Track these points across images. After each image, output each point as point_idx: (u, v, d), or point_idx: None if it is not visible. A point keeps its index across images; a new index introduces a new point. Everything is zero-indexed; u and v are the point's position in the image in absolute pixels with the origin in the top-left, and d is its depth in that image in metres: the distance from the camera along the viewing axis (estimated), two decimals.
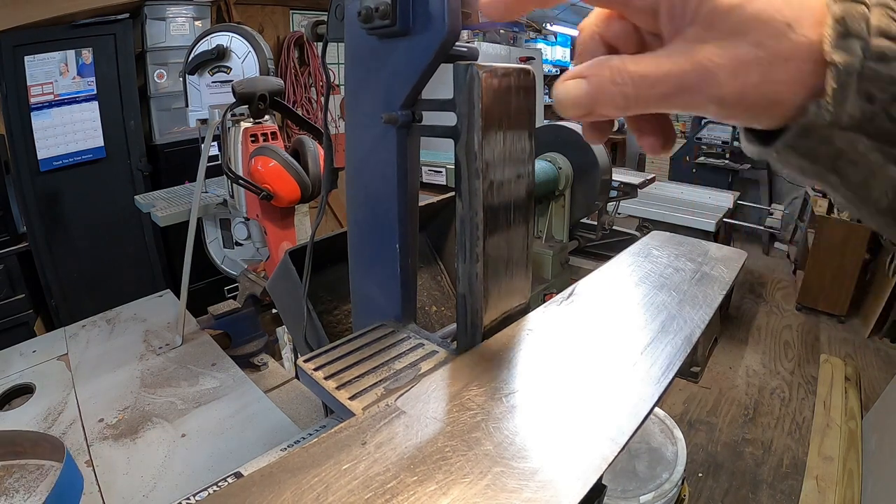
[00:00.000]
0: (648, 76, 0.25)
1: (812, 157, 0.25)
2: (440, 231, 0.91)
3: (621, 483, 0.73)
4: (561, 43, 5.87)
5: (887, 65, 0.22)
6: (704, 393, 2.40)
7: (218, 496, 0.26)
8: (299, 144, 1.27)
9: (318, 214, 0.65)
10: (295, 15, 3.15)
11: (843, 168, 0.24)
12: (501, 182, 0.39)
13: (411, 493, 0.24)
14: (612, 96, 0.26)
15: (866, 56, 0.22)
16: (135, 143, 2.52)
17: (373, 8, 0.38)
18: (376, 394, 0.36)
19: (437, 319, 0.86)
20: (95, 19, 2.29)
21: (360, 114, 0.46)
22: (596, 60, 0.26)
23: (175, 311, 1.32)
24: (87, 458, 0.87)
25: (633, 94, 0.25)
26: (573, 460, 0.26)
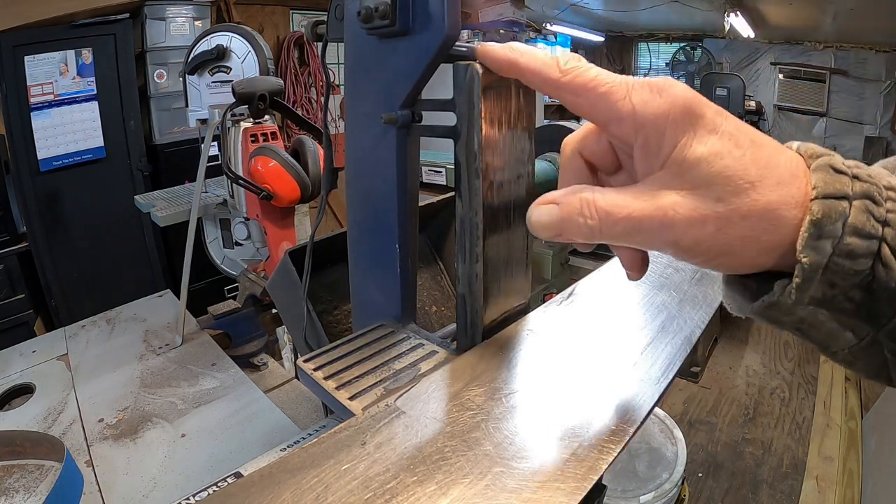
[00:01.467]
0: (613, 215, 0.26)
1: (777, 322, 0.28)
2: (440, 231, 0.91)
3: (621, 483, 0.73)
4: (561, 43, 5.86)
5: (853, 261, 0.24)
6: (704, 393, 2.40)
7: (218, 496, 0.26)
8: (299, 144, 1.27)
9: (318, 214, 0.65)
10: (295, 15, 3.15)
11: (805, 330, 0.27)
12: (501, 182, 0.39)
13: (411, 493, 0.24)
14: (579, 227, 0.27)
15: (835, 253, 0.23)
16: (135, 143, 2.52)
17: (372, 8, 0.38)
18: (376, 394, 0.36)
19: (437, 319, 0.86)
20: (95, 19, 2.29)
21: (360, 114, 0.46)
22: (570, 190, 0.28)
23: (175, 311, 1.32)
24: (87, 458, 0.87)
25: (598, 228, 0.27)
26: (573, 460, 0.26)
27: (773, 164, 0.25)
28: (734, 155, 0.25)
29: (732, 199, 0.25)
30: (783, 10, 4.22)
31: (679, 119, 0.26)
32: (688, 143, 0.25)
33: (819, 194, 0.24)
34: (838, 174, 0.25)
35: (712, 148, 0.25)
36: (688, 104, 0.26)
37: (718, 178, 0.25)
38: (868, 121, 4.89)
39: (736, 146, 0.25)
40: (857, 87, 4.89)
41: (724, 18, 4.16)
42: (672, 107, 0.26)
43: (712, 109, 0.26)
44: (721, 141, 0.25)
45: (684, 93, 0.26)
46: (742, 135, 0.26)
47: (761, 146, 0.25)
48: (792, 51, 5.15)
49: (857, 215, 0.24)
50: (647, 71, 6.38)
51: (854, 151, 4.75)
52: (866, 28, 4.23)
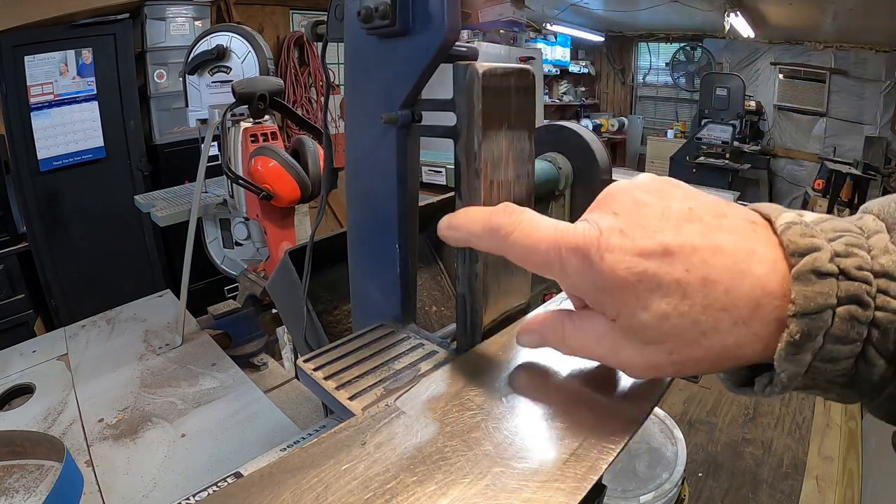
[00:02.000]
0: (583, 350, 0.29)
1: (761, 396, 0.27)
2: None
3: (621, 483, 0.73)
4: (561, 43, 5.87)
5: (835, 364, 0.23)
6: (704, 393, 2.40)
7: (218, 496, 0.26)
8: (299, 144, 1.27)
9: (318, 214, 0.65)
10: (295, 15, 3.15)
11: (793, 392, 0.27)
12: (501, 182, 0.39)
13: (411, 493, 0.24)
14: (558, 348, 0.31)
15: (816, 359, 0.23)
16: (135, 143, 2.52)
17: (372, 8, 0.38)
18: (376, 394, 0.36)
19: (437, 319, 0.86)
20: (95, 19, 2.29)
21: (360, 114, 0.46)
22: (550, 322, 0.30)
23: (175, 311, 1.32)
24: (87, 458, 0.87)
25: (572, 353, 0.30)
26: (573, 460, 0.26)
27: (729, 304, 0.23)
28: (681, 310, 0.24)
29: (685, 349, 0.25)
30: (783, 10, 4.22)
31: (616, 291, 0.25)
32: (631, 310, 0.25)
33: (798, 311, 0.22)
34: (823, 279, 0.22)
35: (656, 311, 0.24)
36: (619, 277, 0.24)
37: (667, 337, 0.24)
38: (868, 121, 4.89)
39: (684, 297, 0.24)
40: (857, 87, 4.89)
41: (724, 18, 4.17)
42: (605, 283, 0.25)
43: (657, 259, 0.24)
44: (666, 299, 0.24)
45: (614, 263, 0.24)
46: (692, 276, 0.23)
47: (715, 283, 0.23)
48: (792, 51, 5.15)
49: (840, 325, 0.22)
50: (647, 71, 6.38)
51: (854, 151, 4.75)
52: (866, 28, 4.23)
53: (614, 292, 0.25)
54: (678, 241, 0.24)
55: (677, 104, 6.29)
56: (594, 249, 0.25)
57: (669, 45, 6.01)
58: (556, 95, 6.13)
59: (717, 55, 5.64)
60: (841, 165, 4.05)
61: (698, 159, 4.92)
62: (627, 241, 0.25)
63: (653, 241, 0.24)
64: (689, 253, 0.24)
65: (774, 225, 0.25)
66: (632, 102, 6.66)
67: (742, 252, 0.24)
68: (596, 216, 0.27)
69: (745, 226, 0.25)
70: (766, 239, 0.24)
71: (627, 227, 0.25)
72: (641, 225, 0.25)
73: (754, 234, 0.24)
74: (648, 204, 0.26)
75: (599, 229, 0.25)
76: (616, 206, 0.26)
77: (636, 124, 6.53)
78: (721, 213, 0.25)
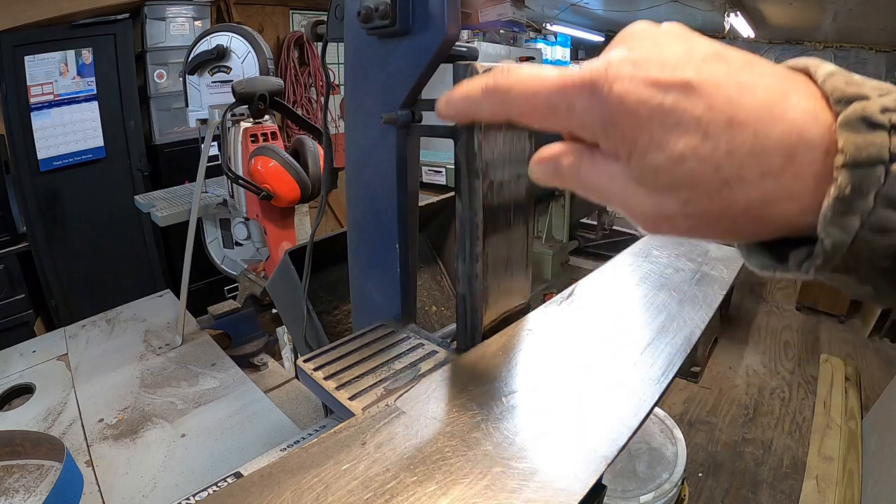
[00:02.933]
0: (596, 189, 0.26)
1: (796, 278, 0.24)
2: (440, 231, 0.91)
3: (621, 483, 0.73)
4: (561, 43, 5.87)
5: (885, 235, 0.20)
6: (704, 393, 2.40)
7: (218, 496, 0.26)
8: (299, 144, 1.27)
9: (318, 214, 0.65)
10: (295, 15, 3.15)
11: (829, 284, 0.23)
12: (501, 182, 0.39)
13: (411, 493, 0.24)
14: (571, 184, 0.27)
15: (863, 227, 0.20)
16: (135, 143, 2.52)
17: (372, 8, 0.38)
18: (376, 394, 0.36)
19: (437, 319, 0.86)
20: (95, 19, 2.29)
21: (360, 114, 0.46)
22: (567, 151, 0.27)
23: (175, 311, 1.32)
24: (87, 458, 0.87)
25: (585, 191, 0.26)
26: (573, 460, 0.26)
27: (758, 149, 0.20)
28: (701, 153, 0.21)
29: (702, 201, 0.22)
30: (783, 10, 4.22)
31: (626, 125, 0.22)
32: (643, 148, 0.22)
33: (849, 161, 0.19)
34: (874, 130, 0.19)
35: (672, 151, 0.21)
36: (629, 108, 0.22)
37: (683, 183, 0.22)
38: None
39: (705, 138, 0.21)
40: None
41: (724, 18, 4.16)
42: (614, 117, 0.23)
43: (675, 92, 0.21)
44: (684, 138, 0.21)
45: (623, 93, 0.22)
46: (716, 114, 0.21)
47: (742, 124, 0.21)
48: (792, 51, 5.15)
49: (893, 184, 0.19)
50: None
51: None
52: (866, 28, 4.23)
53: (625, 127, 0.22)
54: (701, 78, 0.21)
55: None
56: (602, 79, 0.23)
57: None
58: None
59: None
60: None
61: None
62: (641, 71, 0.22)
63: (670, 75, 0.22)
64: (713, 90, 0.21)
65: (814, 76, 0.22)
66: None
67: (776, 94, 0.21)
68: (607, 53, 0.24)
69: (780, 72, 0.22)
70: (804, 87, 0.21)
71: (642, 60, 0.22)
72: (659, 59, 0.22)
73: (791, 81, 0.21)
74: (670, 42, 0.23)
75: (608, 61, 0.23)
76: (633, 42, 0.24)
77: None
78: (752, 60, 0.22)
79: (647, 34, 0.24)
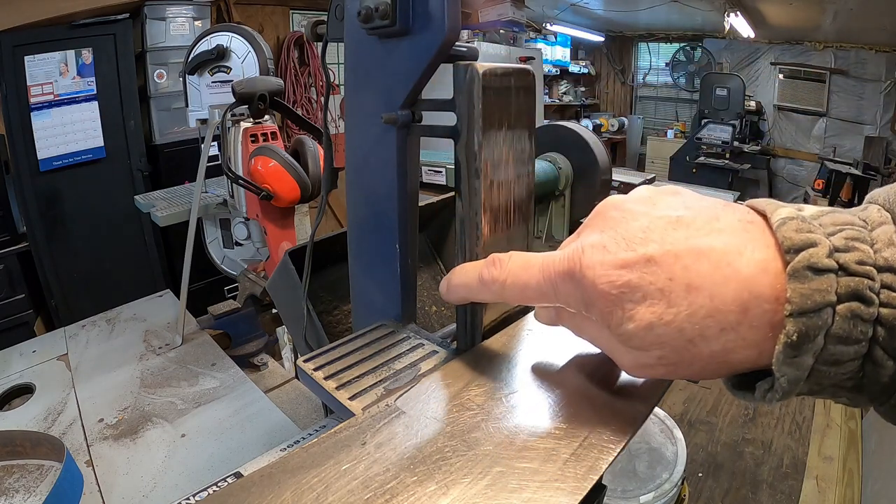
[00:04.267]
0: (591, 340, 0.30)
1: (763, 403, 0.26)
2: (440, 231, 0.91)
3: (621, 483, 0.73)
4: (561, 43, 5.87)
5: (839, 366, 0.22)
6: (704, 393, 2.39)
7: (218, 496, 0.26)
8: (299, 144, 1.27)
9: (318, 214, 0.65)
10: (295, 15, 3.15)
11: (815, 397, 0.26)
12: (501, 182, 0.39)
13: (411, 493, 0.24)
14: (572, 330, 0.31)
15: (818, 362, 0.21)
16: (135, 143, 2.52)
17: (372, 8, 0.38)
18: (376, 394, 0.36)
19: (437, 319, 0.86)
20: (95, 19, 2.29)
21: (360, 114, 0.46)
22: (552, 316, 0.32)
23: (175, 311, 1.32)
24: (87, 458, 0.87)
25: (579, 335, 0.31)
26: (573, 460, 0.26)
27: (714, 310, 0.23)
28: (665, 319, 0.24)
29: (673, 356, 0.25)
30: (783, 10, 4.22)
31: (601, 304, 0.25)
32: (618, 321, 0.25)
33: (795, 310, 0.21)
34: (821, 275, 0.21)
35: (640, 321, 0.24)
36: (601, 291, 0.25)
37: (654, 345, 0.25)
38: (868, 121, 4.89)
39: (669, 305, 0.23)
40: (857, 87, 4.89)
41: (724, 18, 4.17)
42: (590, 298, 0.26)
43: (639, 269, 0.24)
44: (650, 309, 0.24)
45: (595, 278, 0.25)
46: (676, 283, 0.23)
47: (698, 289, 0.23)
48: (792, 51, 5.15)
49: (841, 324, 0.21)
50: (647, 71, 6.38)
51: (854, 151, 4.75)
52: (866, 28, 4.23)
53: (600, 305, 0.25)
54: (662, 250, 0.24)
55: (677, 104, 6.29)
56: (577, 269, 0.26)
57: (669, 45, 6.01)
58: (556, 95, 6.13)
59: (717, 55, 5.64)
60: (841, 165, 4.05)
61: (698, 159, 4.92)
62: (609, 255, 0.25)
63: (634, 253, 0.24)
64: (672, 260, 0.24)
65: (769, 221, 0.24)
66: (632, 102, 6.65)
67: (729, 254, 0.23)
68: (583, 236, 0.28)
69: (737, 226, 0.24)
70: (758, 238, 0.23)
71: (610, 242, 0.25)
72: (625, 238, 0.25)
73: (746, 234, 0.24)
74: (635, 216, 0.26)
75: (581, 248, 0.26)
76: (602, 223, 0.27)
77: (636, 124, 6.53)
78: (714, 216, 0.25)
79: (616, 210, 0.27)
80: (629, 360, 0.27)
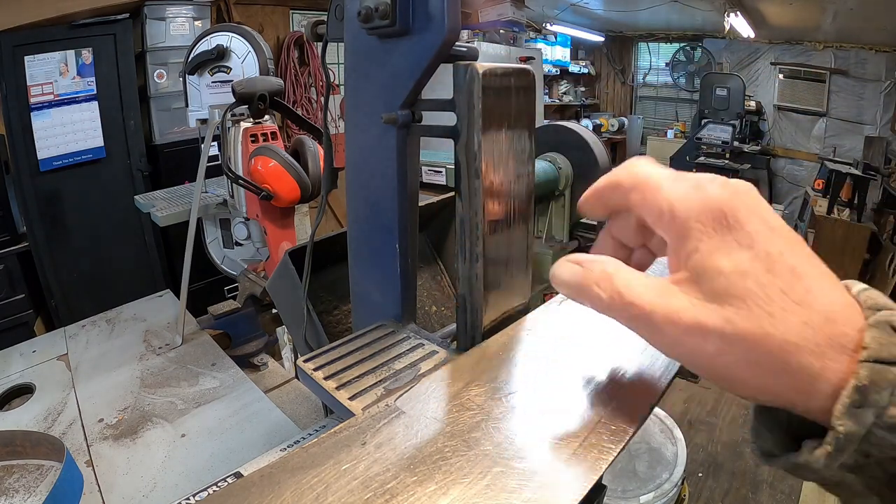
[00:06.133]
0: (623, 297, 0.25)
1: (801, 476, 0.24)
2: (440, 231, 0.91)
3: (621, 483, 0.73)
4: (561, 43, 5.86)
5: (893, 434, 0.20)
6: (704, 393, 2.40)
7: (218, 496, 0.26)
8: (299, 144, 1.27)
9: (318, 214, 0.65)
10: (295, 15, 3.15)
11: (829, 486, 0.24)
12: (501, 182, 0.39)
13: (411, 493, 0.24)
14: (593, 295, 0.27)
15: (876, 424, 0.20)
16: (135, 143, 2.52)
17: (372, 8, 0.38)
18: (376, 394, 0.36)
19: (437, 319, 0.86)
20: (95, 19, 2.29)
21: (360, 114, 0.46)
22: (599, 258, 0.28)
23: (175, 311, 1.32)
24: (87, 458, 0.87)
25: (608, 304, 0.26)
26: (573, 460, 0.26)
27: (807, 302, 0.22)
28: (760, 280, 0.22)
29: (741, 323, 0.22)
30: (783, 10, 4.22)
31: (707, 221, 0.24)
32: (712, 250, 0.23)
33: (870, 357, 0.21)
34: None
35: (738, 265, 0.23)
36: (722, 208, 0.23)
37: (734, 298, 0.22)
38: (868, 121, 4.88)
39: (768, 270, 0.22)
40: (857, 87, 4.89)
41: (724, 18, 4.16)
42: (703, 207, 0.24)
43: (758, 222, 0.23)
44: (752, 260, 0.22)
45: (722, 194, 0.24)
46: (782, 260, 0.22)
47: (801, 277, 0.22)
48: (792, 51, 5.15)
49: None
50: (647, 71, 6.38)
51: (854, 151, 4.75)
52: (866, 28, 4.23)
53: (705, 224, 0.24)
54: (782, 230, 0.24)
55: (677, 104, 6.29)
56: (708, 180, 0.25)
57: (669, 45, 6.00)
58: (556, 95, 6.13)
59: (717, 55, 5.64)
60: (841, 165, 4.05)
61: (698, 159, 4.92)
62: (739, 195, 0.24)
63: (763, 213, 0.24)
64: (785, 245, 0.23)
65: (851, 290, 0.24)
66: (632, 102, 6.65)
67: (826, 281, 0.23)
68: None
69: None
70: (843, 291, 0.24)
71: None
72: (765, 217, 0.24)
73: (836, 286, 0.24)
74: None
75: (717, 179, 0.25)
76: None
77: (636, 124, 6.53)
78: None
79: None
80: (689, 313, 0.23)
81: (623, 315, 0.26)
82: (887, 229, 3.70)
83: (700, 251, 0.24)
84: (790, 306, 0.22)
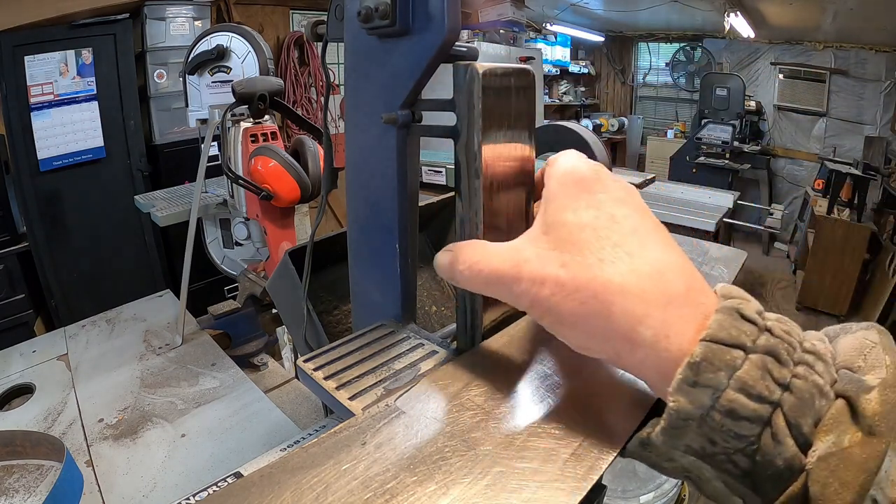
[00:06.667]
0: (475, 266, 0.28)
1: (657, 467, 0.24)
2: (440, 231, 0.91)
3: (621, 483, 0.73)
4: (561, 43, 5.87)
5: (735, 422, 0.20)
6: None
7: (218, 496, 0.26)
8: (299, 144, 1.27)
9: (318, 214, 0.65)
10: (295, 15, 3.15)
11: (694, 480, 0.23)
12: (501, 182, 0.39)
13: (411, 493, 0.24)
14: (457, 275, 0.29)
15: (714, 407, 0.20)
16: (135, 143, 2.52)
17: (372, 8, 0.38)
18: (376, 394, 0.36)
19: (437, 319, 0.86)
20: (95, 19, 2.29)
21: (360, 114, 0.46)
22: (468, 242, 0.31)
23: (175, 311, 1.32)
24: (87, 458, 0.87)
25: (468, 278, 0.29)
26: (573, 460, 0.26)
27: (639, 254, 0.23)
28: (599, 232, 0.24)
29: (574, 267, 0.24)
30: (783, 10, 4.22)
31: (568, 185, 0.27)
32: (563, 208, 0.26)
33: (708, 336, 0.21)
34: (743, 321, 0.21)
35: (580, 219, 0.25)
36: (584, 177, 0.27)
37: (571, 245, 0.24)
38: (868, 121, 4.88)
39: (607, 227, 0.24)
40: (857, 87, 4.89)
41: (724, 18, 4.16)
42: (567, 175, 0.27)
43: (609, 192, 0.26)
44: (595, 218, 0.25)
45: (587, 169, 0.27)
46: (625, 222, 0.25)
47: (639, 236, 0.24)
48: (792, 51, 5.15)
49: (749, 370, 0.20)
50: (647, 71, 6.38)
51: (854, 151, 4.75)
52: (866, 28, 4.23)
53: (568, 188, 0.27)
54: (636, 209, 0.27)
55: (677, 104, 6.29)
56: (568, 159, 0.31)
57: (669, 45, 6.00)
58: (556, 95, 6.13)
59: (717, 55, 5.64)
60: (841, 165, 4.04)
61: (698, 159, 4.92)
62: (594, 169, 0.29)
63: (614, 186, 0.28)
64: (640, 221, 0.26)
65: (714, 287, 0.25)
66: (632, 102, 6.65)
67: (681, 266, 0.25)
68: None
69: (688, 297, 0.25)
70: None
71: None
72: None
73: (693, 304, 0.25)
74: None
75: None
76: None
77: (636, 124, 6.53)
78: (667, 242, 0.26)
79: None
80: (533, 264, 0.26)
81: (481, 284, 0.28)
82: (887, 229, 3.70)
83: (555, 208, 0.27)
84: (621, 255, 0.23)
